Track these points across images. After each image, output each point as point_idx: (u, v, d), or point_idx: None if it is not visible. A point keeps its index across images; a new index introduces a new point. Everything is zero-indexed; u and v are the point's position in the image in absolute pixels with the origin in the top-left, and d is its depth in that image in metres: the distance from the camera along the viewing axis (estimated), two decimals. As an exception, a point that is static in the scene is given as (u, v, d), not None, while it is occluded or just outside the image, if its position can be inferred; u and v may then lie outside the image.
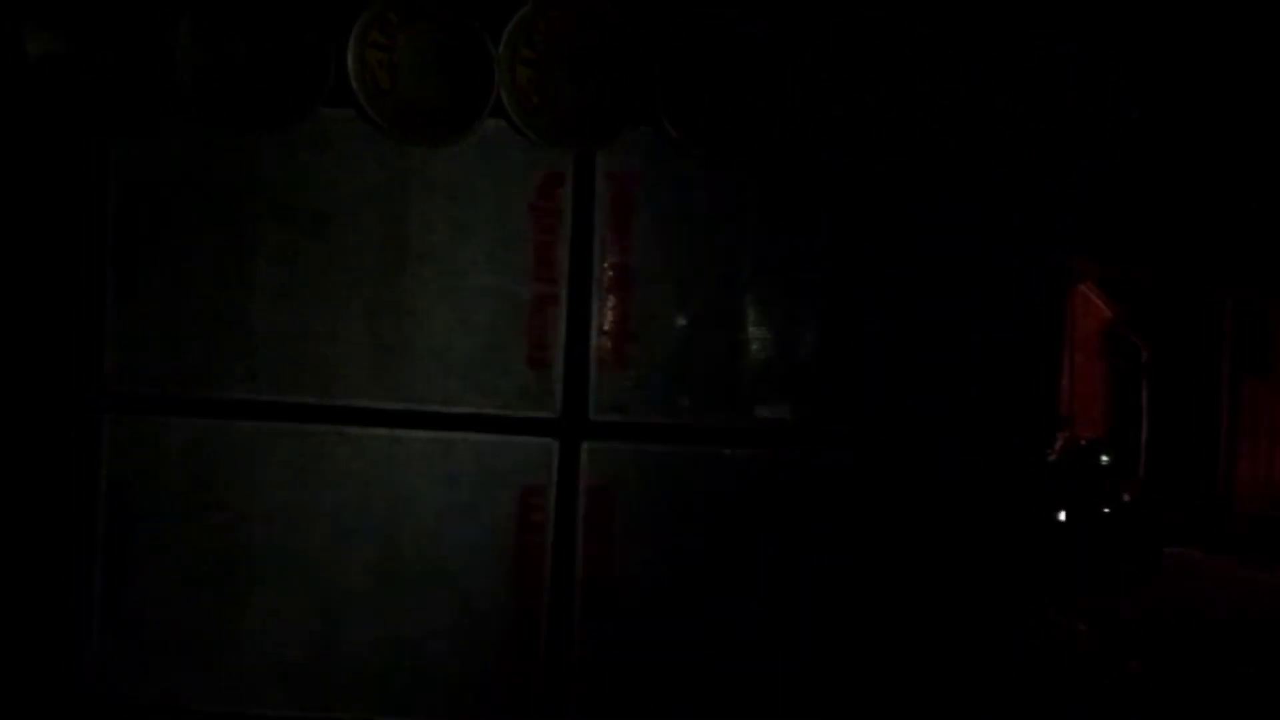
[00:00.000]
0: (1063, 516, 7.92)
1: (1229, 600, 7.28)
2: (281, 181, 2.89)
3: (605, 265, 2.89)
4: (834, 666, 2.91)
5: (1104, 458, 9.05)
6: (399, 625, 2.91)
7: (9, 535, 2.91)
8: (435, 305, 2.89)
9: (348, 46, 2.70)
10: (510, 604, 2.91)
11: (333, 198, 2.88)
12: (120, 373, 2.91)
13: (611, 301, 2.89)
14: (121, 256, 2.89)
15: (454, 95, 2.77)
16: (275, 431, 2.91)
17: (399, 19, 2.70)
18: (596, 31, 2.72)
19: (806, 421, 2.92)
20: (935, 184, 2.88)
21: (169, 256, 2.89)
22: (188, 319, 2.90)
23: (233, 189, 2.89)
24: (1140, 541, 8.28)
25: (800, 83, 2.76)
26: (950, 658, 2.92)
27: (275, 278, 2.89)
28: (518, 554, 2.91)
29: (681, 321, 2.91)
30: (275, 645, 2.91)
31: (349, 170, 2.88)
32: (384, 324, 2.90)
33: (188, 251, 2.89)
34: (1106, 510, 8.38)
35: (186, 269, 2.89)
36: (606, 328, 2.90)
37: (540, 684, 2.91)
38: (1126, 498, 8.72)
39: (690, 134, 2.79)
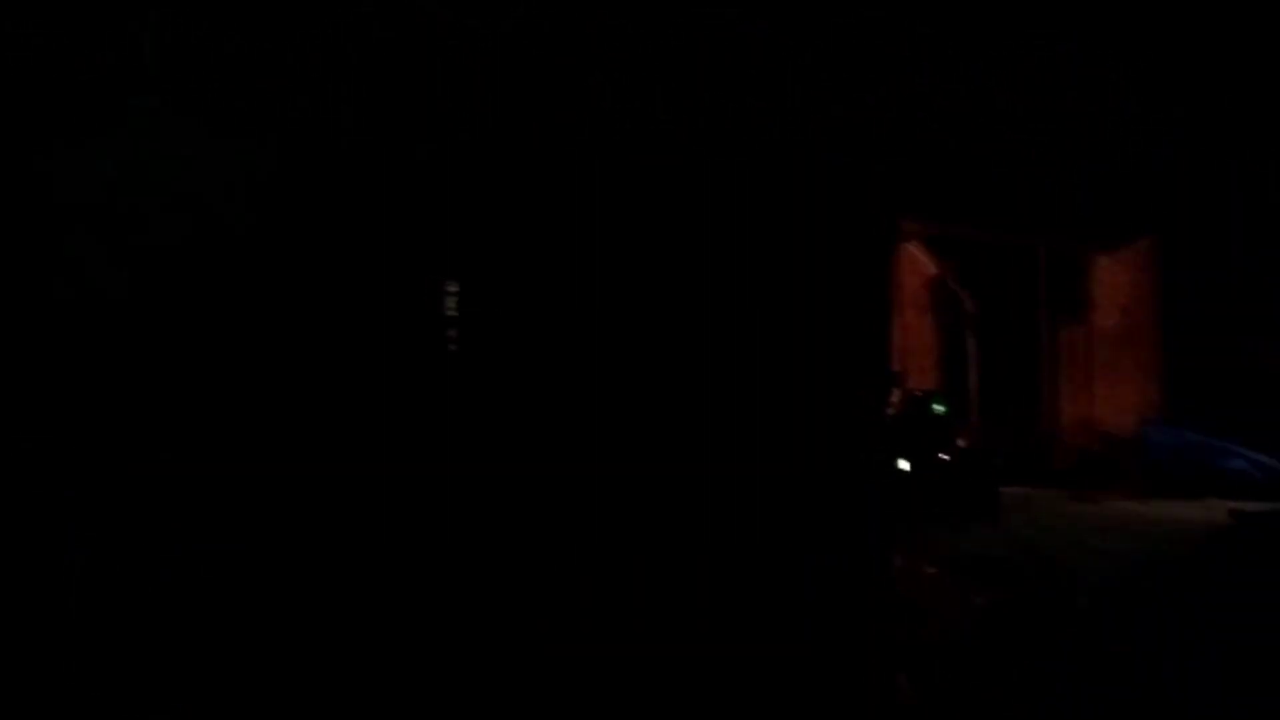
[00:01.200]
0: (905, 466, 8.23)
1: (1059, 531, 7.67)
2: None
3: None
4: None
5: (938, 408, 9.43)
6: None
7: None
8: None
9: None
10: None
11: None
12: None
13: None
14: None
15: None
16: None
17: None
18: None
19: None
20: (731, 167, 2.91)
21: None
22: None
23: None
24: (977, 483, 8.69)
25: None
26: (804, 612, 2.98)
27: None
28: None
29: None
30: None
31: None
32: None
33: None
34: (944, 457, 8.75)
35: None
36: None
37: None
38: (962, 444, 9.14)
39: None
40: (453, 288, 2.76)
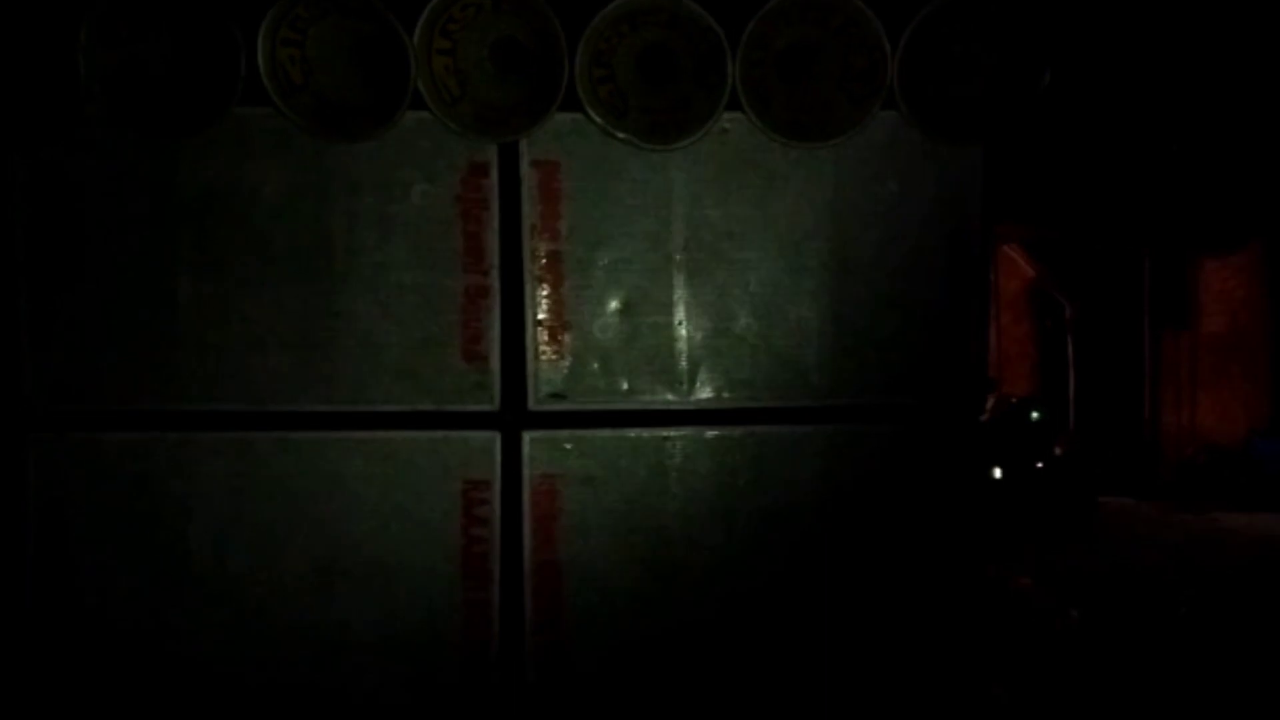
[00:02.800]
0: (998, 474, 8.07)
1: (1161, 545, 7.47)
2: (200, 185, 2.82)
3: (535, 253, 2.87)
4: (789, 640, 2.95)
5: (1034, 414, 9.24)
6: (348, 627, 2.88)
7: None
8: (365, 303, 2.85)
9: (257, 43, 2.62)
10: (460, 599, 2.89)
11: (254, 199, 2.82)
12: (42, 390, 2.83)
13: (544, 290, 2.88)
14: (34, 270, 2.80)
15: (370, 89, 2.72)
16: (207, 441, 2.86)
17: (309, 13, 2.63)
18: (513, 17, 2.68)
19: (744, 399, 2.94)
20: (863, 155, 2.91)
21: (85, 267, 2.82)
22: (110, 331, 2.82)
23: (149, 194, 2.81)
24: (1074, 493, 8.48)
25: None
26: (900, 621, 2.97)
27: (199, 283, 2.83)
28: (465, 548, 2.89)
29: (615, 306, 2.90)
30: (221, 656, 2.87)
31: (269, 170, 2.82)
32: (314, 325, 2.85)
33: (106, 261, 2.82)
34: (1040, 465, 8.56)
35: (106, 279, 2.82)
36: (541, 317, 2.88)
37: (493, 677, 2.90)
38: (1058, 452, 8.92)
39: (616, 119, 2.78)
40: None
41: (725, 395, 2.92)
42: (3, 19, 2.65)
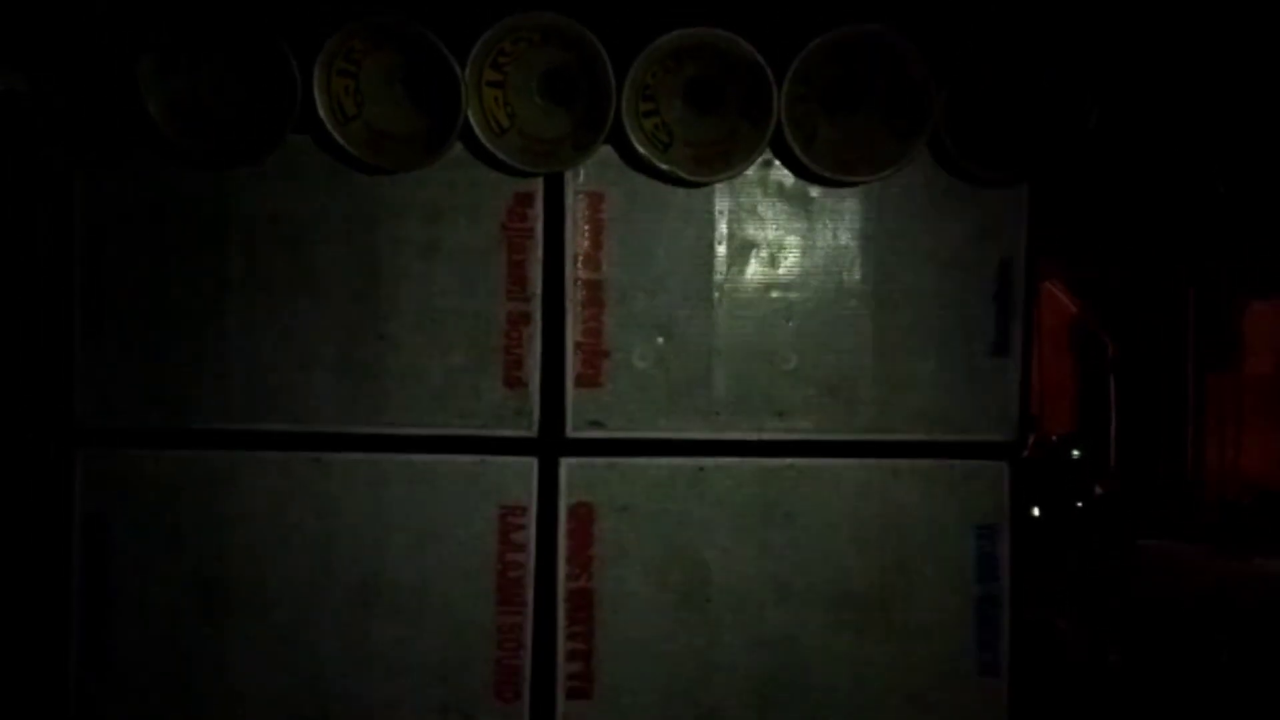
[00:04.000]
0: (1037, 513, 7.96)
1: (1203, 589, 7.33)
2: (250, 210, 2.87)
3: (578, 282, 2.89)
4: (822, 680, 2.94)
5: (1075, 453, 9.11)
6: (382, 647, 2.90)
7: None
8: (410, 328, 2.89)
9: (313, 74, 2.68)
10: (493, 623, 2.90)
11: (303, 224, 2.88)
12: (91, 407, 2.88)
13: (585, 318, 2.90)
14: (88, 290, 2.87)
15: (421, 119, 2.77)
16: (250, 460, 2.90)
17: (364, 45, 2.69)
18: (562, 51, 2.72)
19: (783, 430, 2.94)
20: (906, 188, 2.92)
21: (137, 288, 2.88)
22: (160, 351, 2.88)
23: (200, 218, 2.87)
24: (1114, 533, 8.35)
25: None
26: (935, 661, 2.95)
27: (247, 306, 2.88)
28: (500, 573, 2.90)
29: (656, 335, 2.92)
30: (257, 676, 2.89)
31: (318, 197, 2.87)
32: (359, 349, 2.89)
33: (158, 282, 2.88)
34: (1080, 504, 8.44)
35: (157, 300, 2.88)
36: (581, 343, 2.90)
37: (526, 703, 2.91)
38: (1099, 491, 8.79)
39: (660, 152, 2.81)
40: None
41: (765, 425, 2.93)
42: (69, 49, 2.74)
